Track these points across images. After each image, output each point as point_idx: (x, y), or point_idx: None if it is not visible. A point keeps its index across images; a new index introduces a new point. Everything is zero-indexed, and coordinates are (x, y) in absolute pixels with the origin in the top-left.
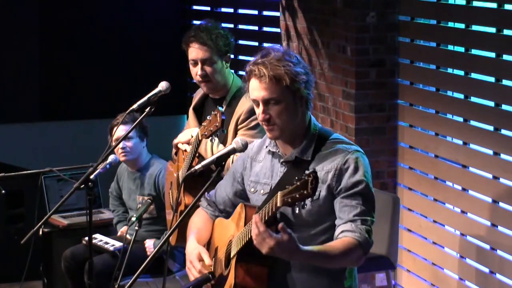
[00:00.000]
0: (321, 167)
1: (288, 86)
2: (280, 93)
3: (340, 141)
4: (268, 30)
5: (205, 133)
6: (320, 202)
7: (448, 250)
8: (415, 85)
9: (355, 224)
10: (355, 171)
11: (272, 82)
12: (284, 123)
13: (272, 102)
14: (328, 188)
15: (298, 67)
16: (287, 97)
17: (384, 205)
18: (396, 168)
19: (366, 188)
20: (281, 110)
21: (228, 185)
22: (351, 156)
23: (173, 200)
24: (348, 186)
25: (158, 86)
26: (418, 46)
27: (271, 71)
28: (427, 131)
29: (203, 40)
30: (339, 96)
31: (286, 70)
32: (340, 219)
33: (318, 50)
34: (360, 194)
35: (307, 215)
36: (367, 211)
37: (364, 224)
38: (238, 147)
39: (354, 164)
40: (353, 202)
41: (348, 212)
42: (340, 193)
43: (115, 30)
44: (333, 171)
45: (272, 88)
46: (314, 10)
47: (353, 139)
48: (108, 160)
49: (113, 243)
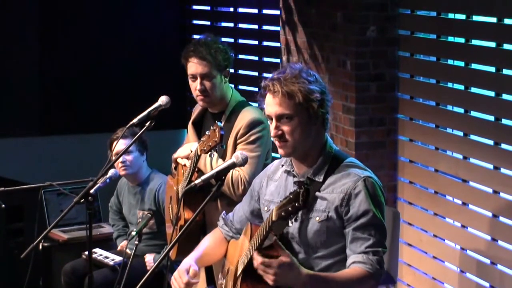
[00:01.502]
0: (331, 189)
1: (301, 103)
2: (293, 109)
3: (354, 165)
4: (268, 45)
5: (204, 149)
6: (328, 223)
7: (448, 264)
8: (415, 99)
9: (366, 256)
10: (364, 198)
11: (285, 98)
12: (296, 140)
13: (285, 118)
14: (337, 211)
15: (314, 85)
16: (301, 114)
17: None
18: (396, 182)
19: (375, 217)
20: (294, 127)
21: (246, 204)
22: (362, 182)
23: (173, 215)
24: (358, 215)
25: (158, 100)
26: (418, 61)
27: (284, 87)
28: (427, 145)
29: (202, 54)
30: (339, 110)
31: (300, 87)
32: (351, 250)
33: (318, 65)
34: (371, 224)
35: (315, 235)
36: (378, 241)
37: (376, 255)
38: (238, 162)
39: (365, 190)
40: (364, 234)
41: (360, 245)
42: (350, 221)
43: (115, 44)
44: (342, 195)
45: (285, 104)
46: (314, 24)
47: (353, 153)
48: (108, 175)
49: (113, 257)
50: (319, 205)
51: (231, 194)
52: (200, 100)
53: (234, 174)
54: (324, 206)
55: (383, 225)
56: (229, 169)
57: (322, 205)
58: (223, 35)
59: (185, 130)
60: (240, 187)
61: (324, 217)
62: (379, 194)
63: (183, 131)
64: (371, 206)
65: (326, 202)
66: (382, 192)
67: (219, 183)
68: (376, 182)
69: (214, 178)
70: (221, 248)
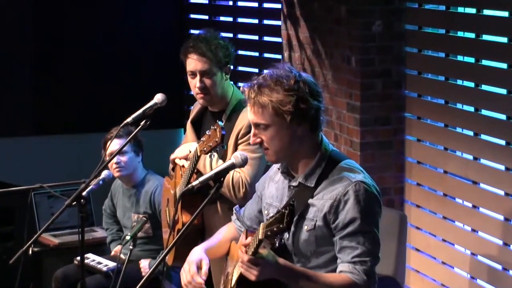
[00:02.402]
0: (322, 195)
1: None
2: (267, 119)
3: (348, 169)
4: (269, 40)
5: (204, 149)
6: (316, 232)
7: (458, 270)
8: (423, 98)
9: (353, 266)
10: (353, 205)
11: (258, 107)
12: (276, 148)
13: (261, 126)
14: (325, 219)
15: (292, 93)
16: (277, 123)
17: (391, 223)
18: (403, 185)
19: (364, 225)
20: (271, 135)
21: (254, 202)
22: (353, 187)
23: (170, 218)
24: (345, 223)
25: (154, 98)
26: (426, 57)
27: (257, 96)
28: (435, 145)
29: (202, 51)
30: (343, 108)
31: (271, 99)
32: (340, 259)
33: (321, 61)
34: (359, 232)
35: (304, 245)
36: (367, 251)
37: (363, 265)
38: (238, 163)
39: (355, 197)
40: (352, 243)
41: (347, 254)
42: (337, 230)
43: (109, 40)
44: (331, 202)
45: (258, 114)
46: (317, 18)
47: (358, 153)
48: (101, 176)
49: (106, 263)
50: (309, 212)
51: (232, 196)
52: (200, 98)
53: (235, 175)
54: (313, 214)
55: (373, 233)
56: (228, 170)
57: (311, 213)
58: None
59: (182, 130)
60: (241, 189)
61: (312, 226)
62: (371, 200)
63: (180, 130)
64: (359, 213)
65: (315, 209)
66: (377, 198)
67: (218, 185)
68: (369, 187)
69: (212, 180)
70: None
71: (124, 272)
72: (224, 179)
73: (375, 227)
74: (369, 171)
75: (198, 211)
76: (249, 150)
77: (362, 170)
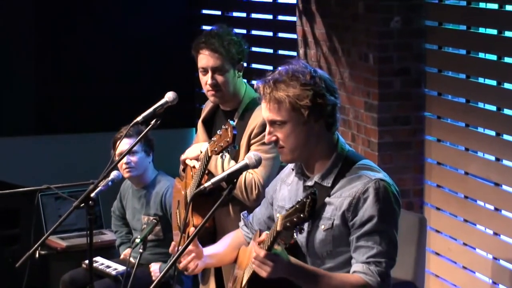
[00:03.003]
0: (340, 193)
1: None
2: (284, 115)
3: (366, 167)
4: (283, 36)
5: (215, 149)
6: (333, 231)
7: (480, 275)
8: (443, 96)
9: (367, 266)
10: (372, 203)
11: (274, 103)
12: (292, 146)
13: (277, 124)
14: (343, 217)
15: (309, 88)
16: (294, 119)
17: (410, 226)
18: (422, 186)
19: (381, 224)
20: (287, 133)
21: (264, 207)
22: (373, 185)
23: (181, 221)
24: (362, 221)
25: (165, 96)
26: (447, 54)
27: (273, 92)
28: (456, 145)
29: (215, 46)
30: (360, 107)
31: (288, 94)
32: (354, 259)
33: (338, 58)
34: (376, 231)
35: (320, 245)
36: (384, 251)
37: (378, 266)
38: (251, 163)
39: (374, 194)
40: (368, 243)
41: (362, 254)
42: (354, 228)
43: (116, 35)
44: (350, 199)
45: (274, 110)
46: (334, 14)
47: (376, 154)
48: (110, 177)
49: (115, 267)
50: (326, 212)
51: (244, 198)
52: (211, 95)
53: (247, 177)
54: (330, 213)
55: (390, 234)
56: (242, 171)
57: (328, 212)
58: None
59: (194, 129)
60: (254, 191)
61: (329, 225)
62: (390, 199)
63: (191, 130)
64: (378, 212)
65: (333, 208)
66: (396, 198)
67: (231, 186)
68: (389, 186)
69: (225, 181)
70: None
71: (133, 276)
72: (237, 180)
73: (393, 228)
74: (387, 172)
75: (210, 213)
76: (263, 151)
77: (380, 169)
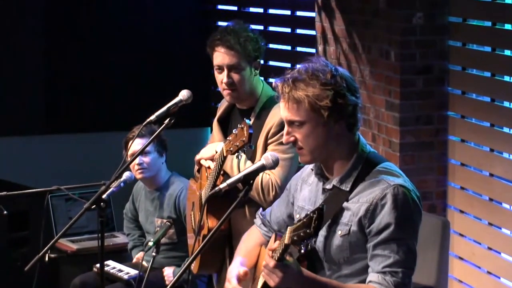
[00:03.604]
0: (357, 198)
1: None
2: (303, 115)
3: (387, 171)
4: (302, 33)
5: (230, 149)
6: (350, 238)
7: (505, 280)
8: (467, 95)
9: (382, 276)
10: (390, 210)
11: (292, 103)
12: (311, 147)
13: (295, 124)
14: (360, 224)
15: (328, 87)
16: (313, 119)
17: (433, 229)
18: (446, 188)
19: (398, 232)
20: (306, 133)
21: (283, 205)
22: (392, 190)
23: (195, 223)
24: (379, 229)
25: (179, 95)
26: (471, 51)
27: (291, 91)
28: (481, 146)
29: (231, 44)
30: (381, 106)
31: (307, 93)
32: (370, 268)
33: (358, 55)
34: (393, 240)
35: (337, 251)
36: (401, 261)
37: (394, 277)
38: (268, 164)
39: (392, 201)
40: (385, 251)
41: (378, 263)
42: (371, 235)
43: (128, 32)
44: (367, 205)
45: (293, 110)
46: (354, 10)
47: (397, 155)
48: (122, 178)
49: (127, 270)
50: (344, 217)
51: (261, 200)
52: (227, 94)
53: (264, 178)
54: (347, 218)
55: (409, 243)
56: (258, 172)
57: (346, 217)
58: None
59: (209, 128)
60: (271, 192)
61: (346, 231)
62: (409, 206)
63: (207, 129)
64: (396, 219)
65: (350, 213)
66: (416, 204)
67: (247, 187)
68: (409, 192)
69: (241, 182)
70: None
71: (146, 280)
72: (254, 181)
73: (412, 236)
74: (409, 173)
75: (226, 215)
76: (280, 151)
77: (401, 174)
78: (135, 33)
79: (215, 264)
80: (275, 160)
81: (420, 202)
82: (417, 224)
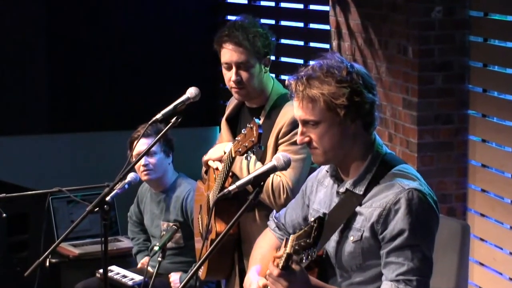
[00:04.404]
0: (371, 203)
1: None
2: (318, 115)
3: (402, 174)
4: (315, 27)
5: (239, 150)
6: (362, 244)
7: None
8: (488, 93)
9: (396, 285)
10: (404, 215)
11: (307, 102)
12: (326, 148)
13: (310, 124)
14: (372, 229)
15: (345, 85)
16: (328, 119)
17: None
18: (466, 191)
19: (413, 239)
20: (321, 133)
21: (298, 207)
22: (406, 195)
23: (203, 227)
24: (393, 235)
25: (186, 92)
26: (492, 47)
27: (306, 89)
28: (502, 147)
29: (239, 40)
30: (399, 105)
31: (322, 91)
32: (384, 276)
33: (374, 51)
34: (407, 247)
35: (349, 258)
36: (415, 269)
37: (408, 285)
38: (279, 165)
39: (406, 205)
40: (399, 259)
41: (392, 271)
42: (384, 242)
43: (133, 28)
44: (380, 210)
45: (308, 109)
46: (370, 4)
47: (415, 155)
48: (127, 179)
49: (132, 276)
50: (356, 222)
51: (271, 203)
52: (236, 92)
53: (274, 180)
54: (360, 223)
55: (424, 249)
56: (269, 173)
57: (359, 223)
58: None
59: (218, 128)
60: (282, 195)
61: (358, 237)
62: (424, 211)
63: (215, 128)
64: (410, 225)
65: (363, 218)
66: (432, 209)
67: (257, 190)
68: (424, 196)
69: (251, 184)
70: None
71: (152, 286)
72: (264, 183)
73: (428, 242)
74: (428, 175)
75: (235, 219)
76: (292, 151)
77: (418, 177)
78: (140, 28)
79: (224, 270)
80: (287, 161)
81: (437, 207)
82: (433, 230)
